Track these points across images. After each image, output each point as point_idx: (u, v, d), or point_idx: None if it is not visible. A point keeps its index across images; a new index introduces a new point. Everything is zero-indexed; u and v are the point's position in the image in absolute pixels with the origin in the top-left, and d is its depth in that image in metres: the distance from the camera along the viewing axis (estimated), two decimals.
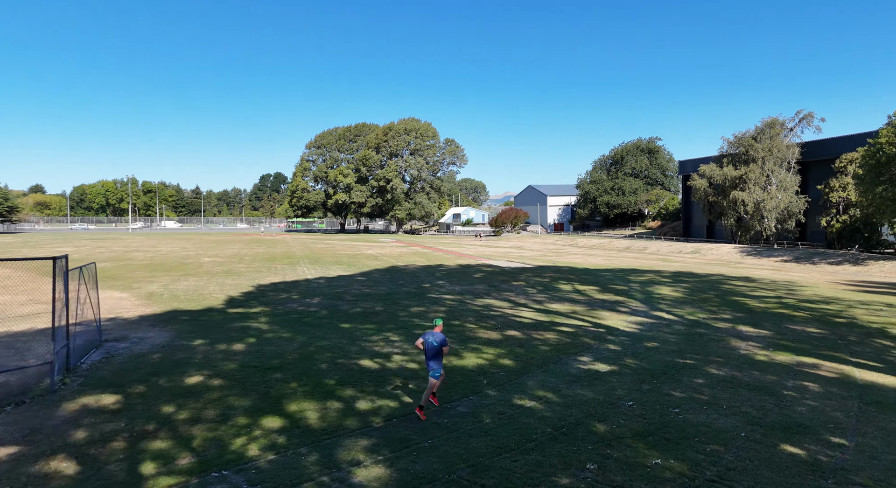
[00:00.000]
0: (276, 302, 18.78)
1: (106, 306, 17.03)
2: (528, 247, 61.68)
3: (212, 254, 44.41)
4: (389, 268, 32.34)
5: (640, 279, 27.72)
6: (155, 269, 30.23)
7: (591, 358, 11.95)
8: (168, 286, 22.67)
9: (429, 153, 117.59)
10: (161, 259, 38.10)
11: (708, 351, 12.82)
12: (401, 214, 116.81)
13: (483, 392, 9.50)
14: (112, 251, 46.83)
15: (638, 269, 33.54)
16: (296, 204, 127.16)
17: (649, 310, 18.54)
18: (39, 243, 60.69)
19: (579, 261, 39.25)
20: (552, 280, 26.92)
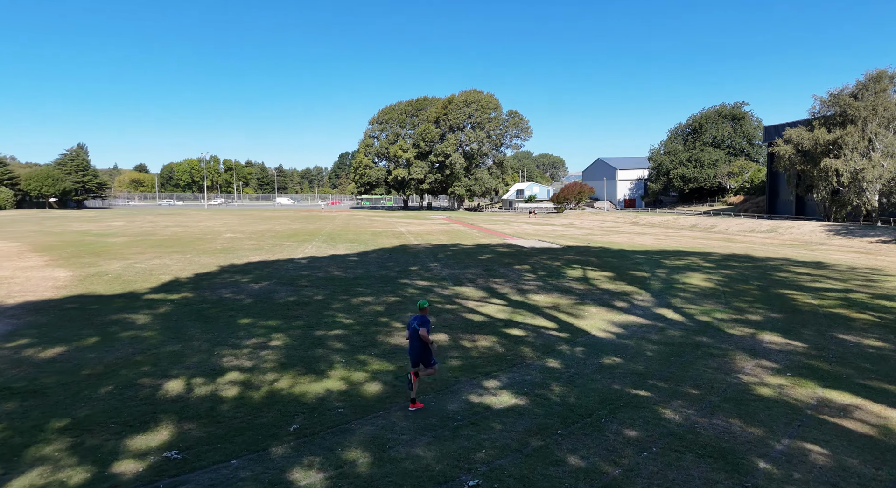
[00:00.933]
0: (214, 286, 16.46)
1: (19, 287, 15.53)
2: (580, 224, 56.67)
3: (241, 230, 43.72)
4: (397, 248, 29.52)
5: (676, 263, 23.04)
6: (158, 245, 29.29)
7: (505, 382, 8.44)
8: (134, 265, 21.14)
9: (490, 126, 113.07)
10: (185, 234, 37.60)
11: (688, 374, 8.90)
12: (460, 191, 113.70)
13: (262, 447, 6.21)
14: (153, 226, 47.47)
15: (684, 251, 28.51)
16: (358, 181, 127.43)
17: (654, 305, 14.42)
18: (101, 217, 63.37)
19: (622, 242, 34.46)
20: (565, 264, 22.92)
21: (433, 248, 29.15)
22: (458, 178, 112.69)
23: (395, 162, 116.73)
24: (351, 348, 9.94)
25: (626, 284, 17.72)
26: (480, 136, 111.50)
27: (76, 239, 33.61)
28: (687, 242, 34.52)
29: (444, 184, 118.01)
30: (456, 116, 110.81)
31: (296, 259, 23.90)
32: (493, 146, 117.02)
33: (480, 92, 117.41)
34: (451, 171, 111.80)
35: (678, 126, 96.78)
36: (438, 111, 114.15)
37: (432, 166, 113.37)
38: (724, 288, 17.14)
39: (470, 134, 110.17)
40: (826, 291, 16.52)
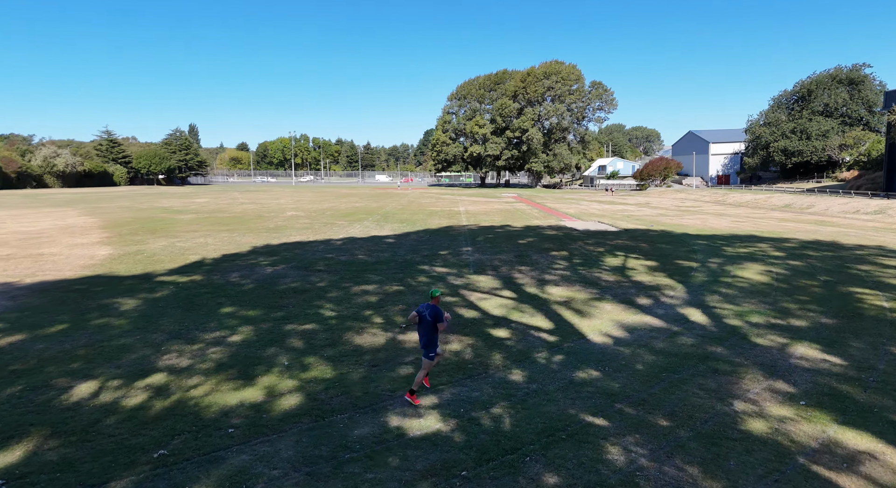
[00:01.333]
0: (230, 269, 16.52)
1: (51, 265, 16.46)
2: (657, 203, 52.78)
3: (306, 208, 44.88)
4: (441, 229, 28.75)
5: (739, 251, 20.40)
6: (216, 223, 30.54)
7: (444, 399, 7.33)
8: (175, 244, 21.99)
9: (571, 99, 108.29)
10: (251, 212, 39.12)
11: (671, 398, 7.44)
12: (537, 167, 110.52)
13: (104, 479, 5.30)
14: (229, 203, 49.97)
15: (757, 237, 25.34)
16: (436, 158, 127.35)
17: (683, 304, 12.61)
18: (191, 194, 67.60)
19: (692, 225, 31.42)
20: (610, 250, 21.03)
21: (478, 230, 28.06)
22: (536, 154, 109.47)
23: (472, 138, 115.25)
24: (307, 348, 9.28)
25: (664, 277, 15.80)
26: (560, 110, 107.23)
27: (150, 215, 35.94)
28: (768, 225, 30.82)
29: (520, 161, 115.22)
30: (535, 89, 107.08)
31: (333, 240, 23.83)
32: (575, 120, 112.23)
33: (562, 63, 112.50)
34: (528, 147, 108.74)
35: (782, 93, 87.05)
36: (517, 85, 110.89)
37: (509, 142, 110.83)
38: (780, 283, 14.77)
39: (549, 107, 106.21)
40: None
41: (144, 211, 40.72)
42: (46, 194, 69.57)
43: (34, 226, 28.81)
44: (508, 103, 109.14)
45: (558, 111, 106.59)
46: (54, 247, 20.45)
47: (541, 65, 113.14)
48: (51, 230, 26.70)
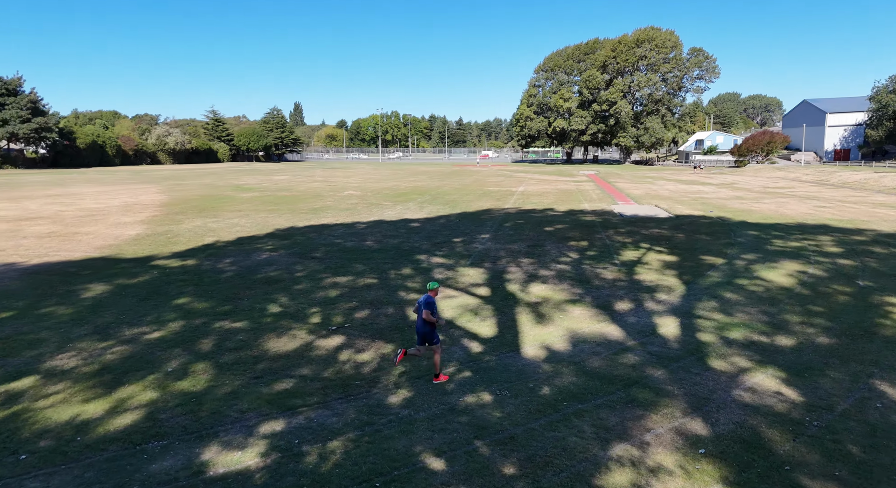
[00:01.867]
0: (229, 254, 16.72)
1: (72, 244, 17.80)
2: (743, 183, 47.88)
3: (366, 187, 45.72)
4: (476, 213, 27.95)
5: (789, 245, 17.81)
6: (266, 202, 31.89)
7: (287, 427, 6.62)
8: (207, 224, 23.12)
9: (666, 68, 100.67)
10: (309, 191, 40.52)
11: (552, 437, 6.44)
12: (626, 142, 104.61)
13: None
14: (300, 181, 52.10)
15: (828, 226, 22.05)
16: (519, 133, 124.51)
17: (664, 311, 11.15)
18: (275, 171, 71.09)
19: (762, 210, 28.09)
20: (637, 242, 19.25)
21: (515, 214, 26.94)
22: (624, 128, 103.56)
23: (556, 112, 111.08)
24: (210, 351, 8.98)
25: (673, 276, 14.14)
26: (653, 80, 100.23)
27: (217, 193, 38.32)
28: (856, 212, 26.77)
29: (608, 135, 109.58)
30: (625, 59, 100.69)
31: (359, 223, 23.96)
32: (670, 90, 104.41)
33: (658, 29, 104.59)
34: (617, 121, 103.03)
35: None
36: (606, 54, 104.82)
37: (596, 116, 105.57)
38: (804, 289, 12.66)
39: (641, 78, 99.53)
40: None
41: (217, 188, 43.50)
42: (151, 170, 76.56)
43: (104, 203, 31.68)
44: (596, 74, 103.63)
45: (651, 81, 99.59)
46: (95, 226, 22.28)
47: (634, 32, 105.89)
48: (112, 208, 29.21)
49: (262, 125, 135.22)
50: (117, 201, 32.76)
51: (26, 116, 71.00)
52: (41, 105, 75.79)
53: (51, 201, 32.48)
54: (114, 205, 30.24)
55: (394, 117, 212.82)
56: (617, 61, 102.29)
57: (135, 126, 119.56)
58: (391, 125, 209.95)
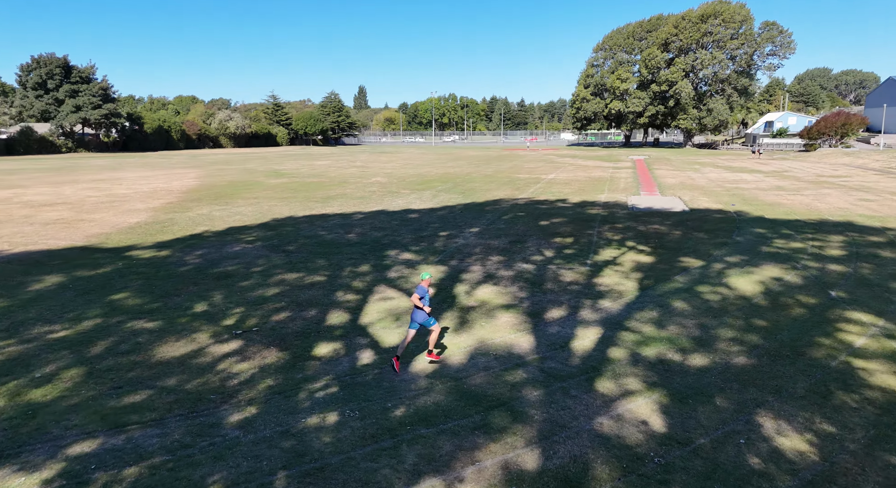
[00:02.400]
0: (205, 245, 16.99)
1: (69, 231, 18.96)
2: (795, 171, 44.31)
3: (396, 174, 46.03)
4: (485, 203, 27.51)
5: (789, 246, 16.31)
6: (285, 189, 32.78)
7: (85, 453, 7.02)
8: (212, 213, 23.97)
9: (734, 44, 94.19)
10: (337, 177, 41.29)
11: (348, 476, 6.35)
12: (686, 124, 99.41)
13: None
14: (340, 166, 53.15)
15: (853, 223, 20.00)
16: (575, 115, 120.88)
17: (595, 321, 10.52)
18: (320, 155, 72.72)
19: (793, 204, 25.93)
20: (624, 240, 18.26)
21: (521, 206, 26.27)
22: (685, 110, 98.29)
23: (613, 93, 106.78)
24: (97, 355, 8.92)
25: (633, 280, 13.32)
26: (718, 58, 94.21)
27: (247, 179, 39.80)
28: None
29: (667, 117, 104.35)
30: (688, 36, 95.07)
31: (359, 213, 24.19)
32: (739, 68, 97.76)
33: (727, 2, 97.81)
34: (677, 102, 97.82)
35: None
36: (668, 31, 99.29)
37: (655, 96, 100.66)
38: (763, 300, 11.56)
39: (704, 56, 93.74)
40: None
41: (253, 174, 45.15)
42: (207, 155, 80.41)
43: (135, 188, 33.60)
44: (656, 53, 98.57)
45: (716, 59, 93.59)
46: (105, 213, 23.68)
47: (700, 6, 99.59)
48: (138, 194, 30.92)
49: (319, 109, 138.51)
50: (149, 186, 34.73)
51: (97, 103, 76.33)
52: (111, 92, 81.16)
53: (89, 186, 34.87)
54: (143, 191, 32.08)
55: (451, 100, 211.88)
56: (679, 39, 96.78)
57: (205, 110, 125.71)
58: (448, 108, 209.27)
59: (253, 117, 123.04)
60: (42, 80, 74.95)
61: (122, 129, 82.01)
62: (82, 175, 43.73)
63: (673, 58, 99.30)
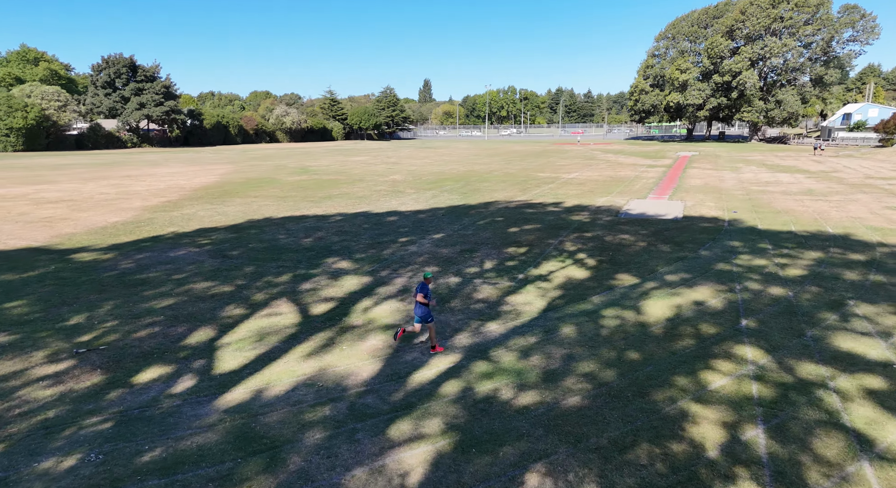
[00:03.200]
0: (155, 249, 17.48)
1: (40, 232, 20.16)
2: (844, 172, 40.27)
3: (423, 170, 46.00)
4: (473, 206, 26.91)
5: (751, 264, 14.75)
6: (304, 187, 33.52)
7: None
8: (197, 213, 24.69)
9: (807, 30, 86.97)
10: (355, 174, 41.78)
11: None
12: (750, 117, 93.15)
13: None
14: (371, 162, 53.81)
15: (849, 238, 17.79)
16: (633, 107, 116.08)
17: (467, 345, 9.92)
18: (367, 151, 73.77)
19: (803, 214, 23.50)
20: (586, 249, 17.28)
21: (507, 210, 25.45)
22: (750, 102, 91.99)
23: (672, 85, 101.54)
24: None
25: (547, 299, 12.47)
26: (789, 46, 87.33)
27: (269, 175, 41.07)
28: None
29: (731, 110, 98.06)
30: (756, 22, 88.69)
31: (340, 215, 24.30)
32: (814, 56, 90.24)
33: None
34: (741, 94, 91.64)
35: None
36: (735, 17, 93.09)
37: (717, 88, 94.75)
38: (659, 328, 10.48)
39: (773, 44, 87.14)
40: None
41: (280, 170, 46.55)
42: (257, 149, 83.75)
43: (153, 185, 35.44)
44: (720, 41, 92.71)
45: (787, 47, 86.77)
46: (96, 212, 24.97)
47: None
48: (150, 191, 32.57)
49: (375, 104, 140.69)
50: (166, 183, 36.56)
51: (159, 100, 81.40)
52: (173, 89, 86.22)
53: (112, 183, 37.08)
54: (156, 188, 33.81)
55: (510, 92, 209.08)
56: (746, 25, 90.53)
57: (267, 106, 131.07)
58: (507, 101, 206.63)
59: (310, 112, 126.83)
60: (111, 78, 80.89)
61: (182, 125, 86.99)
62: (118, 170, 46.72)
63: (738, 46, 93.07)
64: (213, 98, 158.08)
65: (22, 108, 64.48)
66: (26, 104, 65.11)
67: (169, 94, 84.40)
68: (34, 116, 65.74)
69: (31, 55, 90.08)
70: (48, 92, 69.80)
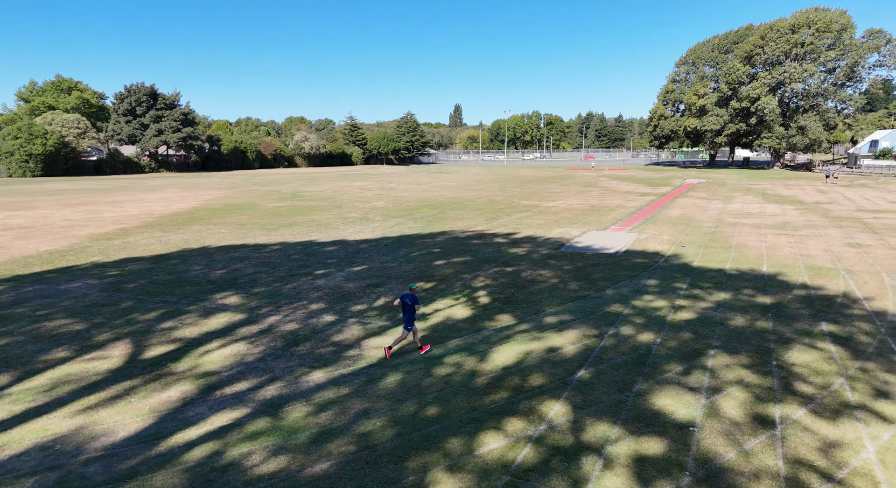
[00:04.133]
0: (58, 281, 18.05)
1: None
2: (839, 205, 38.09)
3: (407, 197, 45.85)
4: (424, 236, 26.42)
5: (646, 306, 13.66)
6: (272, 214, 33.72)
7: None
8: (139, 241, 25.03)
9: (830, 55, 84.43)
10: (344, 200, 41.93)
11: None
12: (770, 143, 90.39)
13: None
14: (365, 188, 54.09)
15: (778, 279, 16.40)
16: (652, 133, 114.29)
17: (264, 399, 9.36)
18: (374, 176, 74.33)
19: (753, 250, 22.03)
20: (485, 288, 16.51)
21: (451, 241, 24.81)
22: (770, 128, 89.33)
23: (689, 110, 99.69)
24: None
25: (424, 342, 11.92)
26: (811, 71, 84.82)
27: (253, 201, 41.53)
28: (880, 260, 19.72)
29: (750, 136, 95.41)
30: (775, 47, 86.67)
31: (277, 244, 24.09)
32: (838, 81, 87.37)
33: (825, 9, 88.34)
34: (760, 119, 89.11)
35: None
36: (754, 43, 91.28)
37: (736, 114, 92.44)
38: (486, 380, 9.70)
39: (794, 69, 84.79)
40: None
41: (270, 196, 47.10)
42: (269, 174, 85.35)
43: (127, 211, 36.15)
44: (737, 67, 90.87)
45: (807, 72, 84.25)
46: (39, 239, 24.98)
47: (793, 14, 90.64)
48: (117, 217, 33.18)
49: (395, 129, 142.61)
50: (140, 209, 37.17)
51: (177, 127, 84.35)
52: (192, 116, 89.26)
53: (88, 209, 37.56)
54: (128, 215, 34.43)
55: (535, 117, 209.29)
56: (764, 51, 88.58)
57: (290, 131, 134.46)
58: (531, 125, 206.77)
59: (330, 138, 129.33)
60: (132, 106, 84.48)
61: (199, 151, 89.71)
62: (110, 196, 48.04)
63: (756, 72, 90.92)
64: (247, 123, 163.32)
65: (42, 135, 67.82)
66: (46, 131, 68.48)
67: (187, 121, 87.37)
68: (53, 143, 68.99)
69: (65, 85, 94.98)
70: (69, 119, 73.22)
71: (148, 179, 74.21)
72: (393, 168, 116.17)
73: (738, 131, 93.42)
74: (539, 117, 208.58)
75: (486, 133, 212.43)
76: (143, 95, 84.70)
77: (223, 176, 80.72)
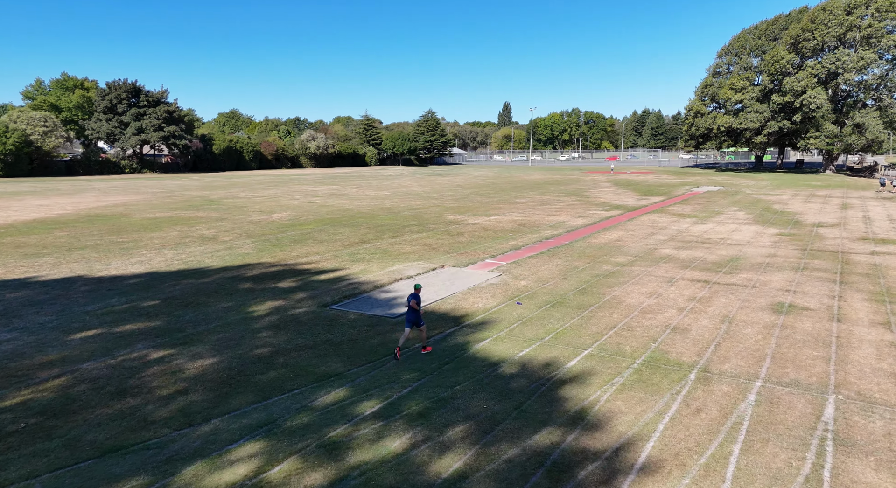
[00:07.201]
0: None
1: None
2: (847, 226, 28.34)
3: (337, 207, 39.40)
4: (206, 271, 19.74)
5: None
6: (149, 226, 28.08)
7: None
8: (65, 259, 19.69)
9: (892, 40, 71.27)
10: (258, 207, 35.91)
11: None
12: (818, 143, 77.67)
13: None
14: (327, 194, 48.02)
15: None
16: (687, 131, 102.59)
17: None
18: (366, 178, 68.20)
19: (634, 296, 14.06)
20: None
21: (228, 280, 17.97)
22: (818, 126, 76.74)
23: (724, 106, 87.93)
24: None
25: None
26: (869, 58, 71.96)
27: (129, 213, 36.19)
28: None
29: (795, 135, 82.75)
30: (826, 30, 74.20)
31: (131, 274, 18.11)
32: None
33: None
34: (806, 116, 76.71)
35: None
36: (804, 26, 78.91)
37: (777, 110, 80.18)
38: None
39: (848, 56, 72.15)
40: None
41: (167, 205, 41.73)
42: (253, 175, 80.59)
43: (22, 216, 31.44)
44: (782, 54, 78.74)
45: (865, 59, 71.44)
46: None
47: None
48: None
49: (414, 128, 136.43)
50: (37, 214, 32.45)
51: (159, 125, 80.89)
52: (177, 114, 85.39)
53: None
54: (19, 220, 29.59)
55: (574, 115, 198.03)
56: (814, 36, 76.16)
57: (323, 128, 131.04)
58: (569, 123, 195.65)
59: (342, 137, 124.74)
60: (112, 104, 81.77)
61: (184, 150, 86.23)
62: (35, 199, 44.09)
63: (803, 61, 78.50)
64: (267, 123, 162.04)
65: (2, 134, 65.55)
66: (6, 129, 66.20)
67: (171, 119, 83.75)
68: (13, 142, 66.59)
69: (69, 83, 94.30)
70: (34, 117, 70.93)
71: (105, 181, 70.41)
72: (402, 169, 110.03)
73: (780, 130, 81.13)
74: (579, 114, 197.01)
75: (521, 132, 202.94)
76: (124, 92, 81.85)
77: (200, 177, 76.71)
